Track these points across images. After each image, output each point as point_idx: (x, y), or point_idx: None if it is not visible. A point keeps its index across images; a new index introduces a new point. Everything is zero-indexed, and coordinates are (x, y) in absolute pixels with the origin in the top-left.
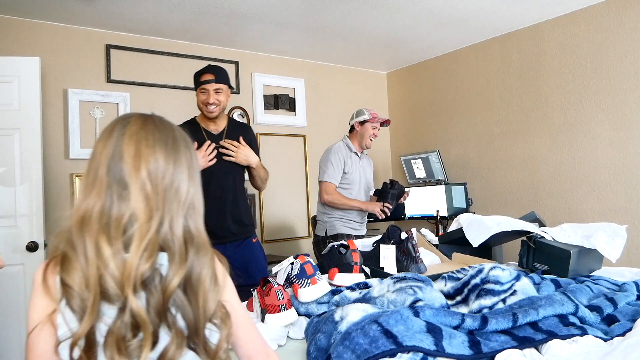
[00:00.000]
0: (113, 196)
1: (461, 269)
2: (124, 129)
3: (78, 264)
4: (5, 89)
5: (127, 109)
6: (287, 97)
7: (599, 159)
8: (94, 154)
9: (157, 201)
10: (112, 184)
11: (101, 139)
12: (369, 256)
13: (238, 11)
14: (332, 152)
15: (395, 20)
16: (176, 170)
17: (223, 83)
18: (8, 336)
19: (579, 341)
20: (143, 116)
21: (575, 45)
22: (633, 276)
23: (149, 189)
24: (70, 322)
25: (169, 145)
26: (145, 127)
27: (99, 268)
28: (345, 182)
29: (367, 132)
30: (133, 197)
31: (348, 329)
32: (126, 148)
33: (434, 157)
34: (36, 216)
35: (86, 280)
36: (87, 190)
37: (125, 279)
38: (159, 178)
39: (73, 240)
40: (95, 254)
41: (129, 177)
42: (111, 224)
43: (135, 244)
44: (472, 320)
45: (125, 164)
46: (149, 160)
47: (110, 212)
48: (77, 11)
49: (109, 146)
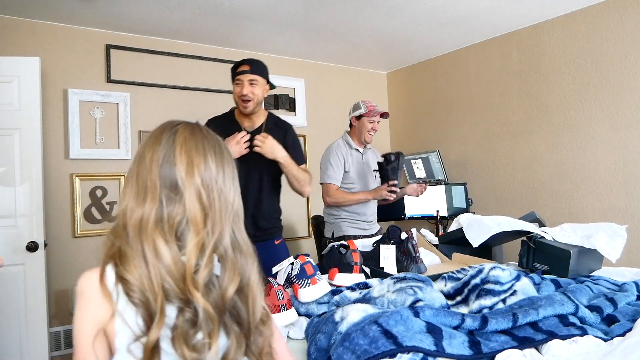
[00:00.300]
0: (165, 200)
1: (461, 269)
2: (174, 136)
3: (136, 263)
4: (5, 89)
5: (127, 109)
6: (287, 97)
7: (599, 159)
8: (143, 160)
9: (210, 208)
10: (163, 188)
11: (148, 145)
12: (369, 256)
13: (238, 11)
14: (330, 152)
15: (395, 20)
16: (225, 179)
17: (259, 75)
18: (8, 336)
19: (579, 341)
20: (190, 124)
21: (575, 45)
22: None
23: (203, 195)
24: (131, 323)
25: (217, 154)
26: (194, 135)
27: (160, 270)
28: (347, 180)
29: (365, 127)
30: (188, 203)
31: (348, 330)
32: (178, 155)
33: (434, 157)
34: (36, 216)
35: (148, 281)
36: (140, 196)
37: (188, 279)
38: (211, 185)
39: (130, 243)
40: (154, 256)
41: (183, 183)
42: (165, 227)
43: (193, 247)
44: (472, 320)
45: (179, 170)
46: (201, 167)
47: (162, 216)
48: (77, 11)
49: (159, 152)
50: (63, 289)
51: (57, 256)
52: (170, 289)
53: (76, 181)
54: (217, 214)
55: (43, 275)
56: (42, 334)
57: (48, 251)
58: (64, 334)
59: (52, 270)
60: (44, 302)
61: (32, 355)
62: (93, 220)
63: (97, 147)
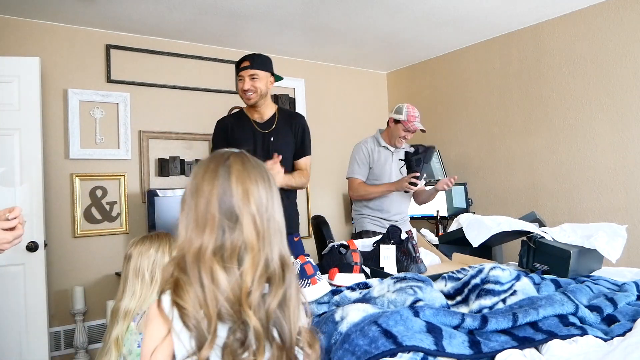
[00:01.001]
0: (225, 229)
1: (461, 269)
2: (229, 169)
3: (192, 289)
4: (5, 89)
5: (127, 109)
6: (287, 97)
7: (599, 159)
8: (201, 193)
9: (264, 230)
10: (223, 219)
11: (206, 178)
12: (369, 256)
13: (238, 11)
14: (357, 148)
15: (396, 21)
16: (273, 201)
17: (259, 69)
18: (8, 336)
19: (579, 341)
20: (239, 155)
21: (575, 45)
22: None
23: (257, 220)
24: (185, 342)
25: (265, 180)
26: (245, 166)
27: (215, 293)
28: (372, 177)
29: (398, 133)
30: (245, 229)
31: (348, 331)
32: (235, 186)
33: (434, 157)
34: (36, 216)
35: (201, 304)
36: (200, 228)
37: (244, 300)
38: (263, 209)
39: (187, 270)
40: (210, 281)
41: (240, 211)
42: (225, 254)
43: (249, 270)
44: (472, 320)
45: (236, 200)
46: (255, 195)
47: (224, 244)
48: (77, 11)
49: (218, 186)
50: (63, 289)
51: (57, 256)
52: (226, 311)
53: (76, 181)
54: (268, 236)
55: (43, 275)
56: (42, 334)
57: (48, 251)
58: (64, 334)
59: (52, 270)
60: (44, 302)
61: (32, 355)
62: (93, 220)
63: (97, 147)
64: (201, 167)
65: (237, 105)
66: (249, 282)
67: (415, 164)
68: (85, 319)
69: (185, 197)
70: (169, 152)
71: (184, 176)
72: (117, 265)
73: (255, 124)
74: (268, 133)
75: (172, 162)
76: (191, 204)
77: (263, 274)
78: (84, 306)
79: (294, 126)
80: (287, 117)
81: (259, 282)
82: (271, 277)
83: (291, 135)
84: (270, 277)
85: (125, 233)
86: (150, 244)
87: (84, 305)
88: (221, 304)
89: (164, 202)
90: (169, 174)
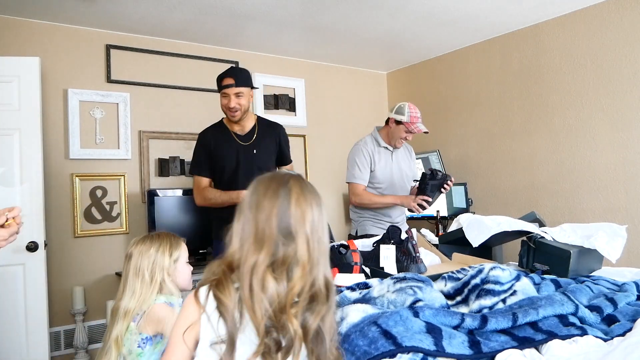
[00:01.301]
0: (279, 245)
1: (461, 269)
2: (290, 192)
3: (233, 289)
4: (5, 89)
5: (127, 109)
6: (287, 97)
7: (599, 159)
8: (262, 210)
9: (314, 250)
10: (279, 236)
11: (267, 196)
12: (369, 256)
13: (238, 11)
14: (357, 150)
15: (395, 21)
16: (323, 225)
17: (243, 86)
18: (8, 336)
19: (579, 341)
20: (298, 179)
21: (575, 45)
22: (633, 276)
23: (310, 240)
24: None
25: (318, 203)
26: (303, 189)
27: (264, 301)
28: (373, 180)
29: (400, 134)
30: (299, 247)
31: (347, 332)
32: (293, 208)
33: (434, 157)
34: (36, 216)
35: (246, 307)
36: (258, 243)
37: (288, 309)
38: (315, 230)
39: (235, 273)
40: (260, 289)
41: (296, 231)
42: (276, 265)
43: (299, 282)
44: (471, 319)
45: (293, 221)
46: (309, 217)
47: (277, 257)
48: (77, 11)
49: (278, 206)
50: (63, 289)
51: (57, 256)
52: (268, 315)
53: (76, 181)
54: (317, 256)
55: (43, 275)
56: (42, 334)
57: (48, 251)
58: (64, 334)
59: (52, 270)
60: (44, 302)
61: (32, 355)
62: (93, 220)
63: (97, 147)
64: (262, 184)
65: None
66: (296, 292)
67: (430, 189)
68: (85, 319)
69: (243, 209)
70: (169, 152)
71: (183, 176)
72: (117, 265)
73: (236, 137)
74: (250, 145)
75: (172, 162)
76: (249, 217)
77: (309, 289)
78: (84, 306)
79: (274, 137)
80: (267, 127)
81: (305, 295)
82: (316, 295)
83: (273, 145)
84: (315, 296)
85: (125, 233)
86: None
87: (84, 305)
88: (267, 310)
89: (164, 202)
90: (169, 174)
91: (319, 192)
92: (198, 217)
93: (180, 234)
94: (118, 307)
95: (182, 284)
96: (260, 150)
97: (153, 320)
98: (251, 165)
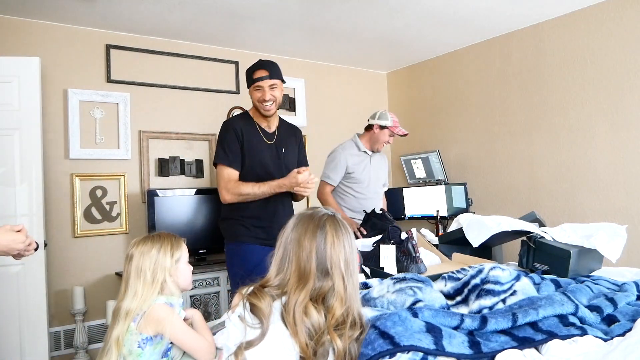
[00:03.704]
0: (319, 278)
1: (461, 269)
2: (324, 232)
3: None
4: (5, 89)
5: (127, 109)
6: (287, 97)
7: (599, 159)
8: (302, 247)
9: (348, 284)
10: (317, 272)
11: (307, 237)
12: (369, 256)
13: (238, 11)
14: (336, 152)
15: (395, 20)
16: (354, 261)
17: (277, 78)
18: (8, 336)
19: (578, 341)
20: (332, 219)
21: (575, 45)
22: (633, 276)
23: (344, 276)
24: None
25: (349, 243)
26: (337, 229)
27: (307, 325)
28: (351, 181)
29: (383, 138)
30: (336, 282)
31: None
32: (329, 247)
33: (434, 157)
34: (36, 216)
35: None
36: (302, 281)
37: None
38: (347, 266)
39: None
40: (302, 317)
41: (332, 267)
42: (316, 296)
43: (338, 308)
44: (471, 320)
45: (329, 258)
46: (342, 255)
47: (315, 288)
48: (77, 11)
49: (314, 246)
50: (63, 289)
51: (57, 256)
52: (311, 336)
53: (76, 181)
54: (350, 289)
55: (43, 275)
56: (42, 334)
57: (48, 251)
58: (64, 334)
59: (52, 270)
60: (44, 302)
61: (32, 355)
62: (93, 220)
63: (97, 147)
64: (302, 223)
65: (237, 105)
66: (337, 317)
67: (370, 227)
68: (85, 319)
69: (285, 244)
70: (169, 152)
71: (183, 176)
72: (117, 265)
73: (263, 132)
74: (278, 144)
75: (172, 162)
76: (291, 251)
77: (347, 316)
78: (84, 306)
79: (296, 139)
80: (289, 128)
81: (343, 320)
82: (353, 323)
83: (295, 147)
84: (353, 324)
85: (125, 233)
86: (152, 245)
87: (84, 305)
88: (307, 332)
89: (164, 202)
90: (169, 174)
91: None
92: (198, 217)
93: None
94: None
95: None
96: (288, 150)
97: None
98: (281, 164)
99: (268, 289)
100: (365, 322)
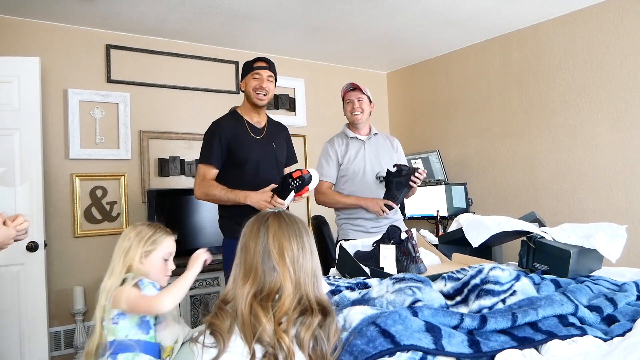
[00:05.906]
0: (265, 276)
1: (461, 269)
2: (267, 227)
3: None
4: (5, 89)
5: (127, 109)
6: (287, 97)
7: (599, 159)
8: (247, 250)
9: (297, 278)
10: (264, 270)
11: (251, 238)
12: (369, 256)
13: (238, 11)
14: (324, 147)
15: (395, 20)
16: (304, 254)
17: (274, 73)
18: (8, 336)
19: (578, 341)
20: (276, 216)
21: (575, 45)
22: (633, 276)
23: (291, 271)
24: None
25: (297, 236)
26: (281, 225)
27: (253, 324)
28: (342, 173)
29: (347, 109)
30: (283, 278)
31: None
32: (272, 245)
33: (434, 157)
34: (36, 216)
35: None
36: (247, 277)
37: (277, 329)
38: (296, 261)
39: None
40: (249, 314)
41: (278, 265)
42: (263, 294)
43: (286, 306)
44: (471, 320)
45: (274, 255)
46: (288, 251)
47: (263, 287)
48: (77, 11)
49: (259, 245)
50: (63, 289)
51: (57, 256)
52: (263, 336)
53: (76, 181)
54: (302, 282)
55: (43, 275)
56: (42, 334)
57: (48, 251)
58: (64, 334)
59: (52, 270)
60: (44, 302)
61: (32, 355)
62: (93, 220)
63: (97, 147)
64: (248, 227)
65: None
66: (284, 311)
67: (396, 187)
68: (85, 319)
69: (238, 252)
70: (169, 152)
71: (183, 176)
72: None
73: (251, 127)
74: (267, 140)
75: (172, 162)
76: (241, 260)
77: (296, 308)
78: (84, 306)
79: (284, 136)
80: (276, 126)
81: (291, 313)
82: (305, 310)
83: (284, 143)
84: (305, 310)
85: None
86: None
87: (84, 305)
88: (260, 332)
89: (164, 202)
90: (169, 174)
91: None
92: (198, 217)
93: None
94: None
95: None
96: (277, 145)
97: (115, 296)
98: (272, 158)
99: (229, 305)
100: (330, 305)
